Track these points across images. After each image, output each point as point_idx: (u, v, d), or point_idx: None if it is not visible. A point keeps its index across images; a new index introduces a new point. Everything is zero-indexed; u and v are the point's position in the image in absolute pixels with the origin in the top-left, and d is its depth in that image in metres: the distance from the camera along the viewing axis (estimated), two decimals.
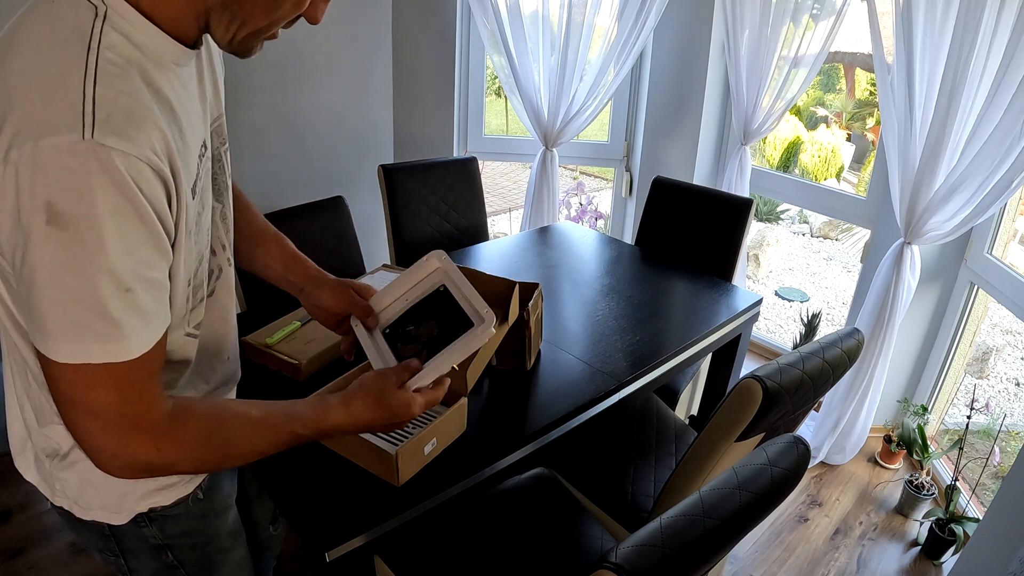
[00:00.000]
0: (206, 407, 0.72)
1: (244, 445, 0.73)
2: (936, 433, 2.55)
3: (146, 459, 0.65)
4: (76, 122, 0.55)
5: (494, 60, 2.84)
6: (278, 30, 0.70)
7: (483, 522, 1.38)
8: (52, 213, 0.54)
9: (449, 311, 0.98)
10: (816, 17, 2.42)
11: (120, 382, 0.62)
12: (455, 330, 0.95)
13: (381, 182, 2.20)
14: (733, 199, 2.17)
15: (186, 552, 0.92)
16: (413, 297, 1.01)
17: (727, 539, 0.85)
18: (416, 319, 0.99)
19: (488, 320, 0.91)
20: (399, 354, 0.95)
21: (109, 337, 0.59)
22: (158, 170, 0.60)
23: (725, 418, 1.17)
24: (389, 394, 0.82)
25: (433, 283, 1.01)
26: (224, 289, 0.88)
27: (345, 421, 0.80)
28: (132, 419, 0.63)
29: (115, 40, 0.59)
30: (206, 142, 0.77)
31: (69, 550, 1.85)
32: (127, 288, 0.59)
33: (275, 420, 0.75)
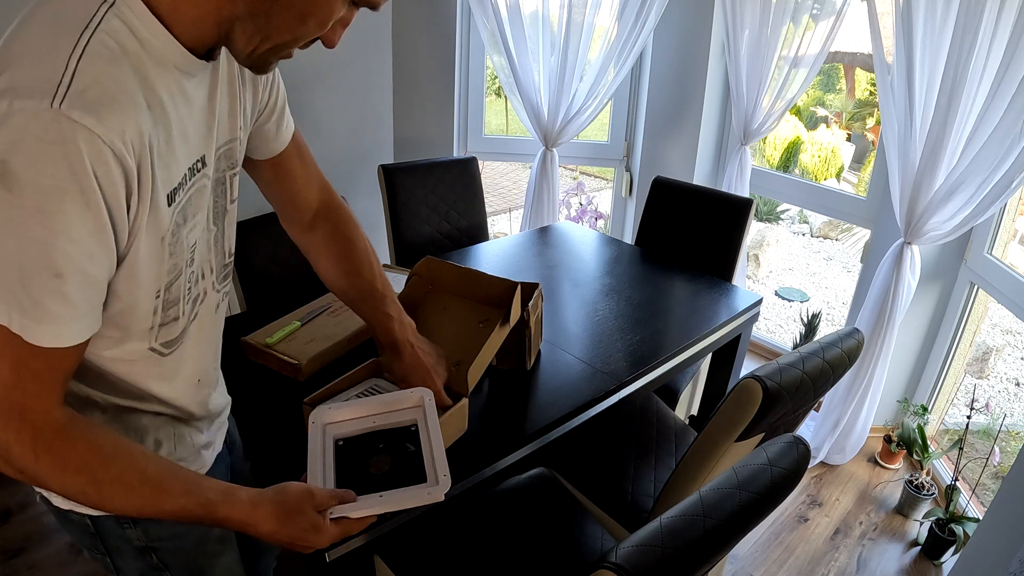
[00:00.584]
0: (103, 439, 0.67)
1: (125, 494, 0.68)
2: (936, 433, 2.55)
3: (21, 457, 0.63)
4: (50, 90, 0.55)
5: (494, 60, 2.84)
6: (294, 50, 0.70)
7: (483, 522, 1.38)
8: (3, 171, 0.54)
9: (408, 454, 0.90)
10: (816, 17, 2.42)
11: (20, 364, 0.60)
12: (405, 475, 0.86)
13: (381, 182, 2.20)
14: (733, 199, 2.17)
15: (172, 555, 0.91)
16: (382, 423, 0.94)
17: (727, 539, 0.85)
18: (373, 446, 0.91)
19: (442, 485, 0.83)
20: (339, 474, 0.87)
21: (29, 314, 0.58)
22: (120, 157, 0.59)
23: (725, 418, 1.17)
24: (303, 516, 0.76)
25: (409, 418, 0.95)
26: (206, 313, 0.86)
27: (245, 521, 0.74)
28: (18, 408, 0.61)
29: (116, 27, 0.60)
30: (206, 159, 0.76)
31: (69, 550, 1.85)
32: (57, 272, 0.58)
33: (171, 485, 0.70)
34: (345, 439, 0.92)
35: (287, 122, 0.97)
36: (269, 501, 0.76)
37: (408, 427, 0.93)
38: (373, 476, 0.86)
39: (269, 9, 0.63)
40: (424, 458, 0.88)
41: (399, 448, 0.91)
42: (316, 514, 0.77)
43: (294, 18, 0.65)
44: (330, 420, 0.93)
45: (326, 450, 0.90)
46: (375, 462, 0.89)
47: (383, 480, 0.86)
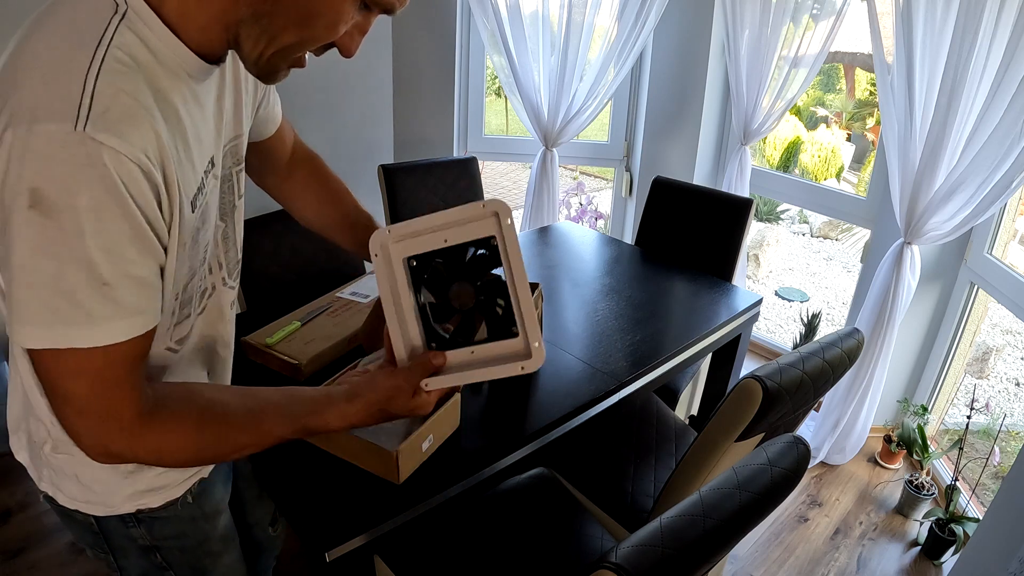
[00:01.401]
0: (189, 408, 0.69)
1: (227, 445, 0.71)
2: (936, 433, 2.55)
3: (121, 453, 0.66)
4: (71, 112, 0.55)
5: (494, 60, 2.84)
6: (305, 58, 0.68)
7: (483, 522, 1.38)
8: (36, 198, 0.55)
9: (492, 286, 0.76)
10: (816, 17, 2.42)
11: (93, 376, 0.61)
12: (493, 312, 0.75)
13: (381, 182, 2.20)
14: (733, 199, 2.17)
15: (175, 554, 0.91)
16: (455, 239, 0.77)
17: (727, 539, 0.85)
18: (451, 268, 0.77)
19: (536, 358, 0.75)
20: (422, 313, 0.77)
21: (76, 322, 0.59)
22: (147, 172, 0.60)
23: (725, 418, 1.17)
24: (399, 403, 0.76)
25: (487, 230, 0.76)
26: (215, 307, 0.87)
27: (343, 425, 0.75)
28: (107, 413, 0.63)
29: (128, 40, 0.59)
30: (215, 159, 0.76)
31: (69, 550, 1.85)
32: (104, 281, 0.59)
33: (264, 425, 0.72)
34: (417, 258, 0.77)
35: (276, 97, 0.97)
36: (362, 407, 0.75)
37: (487, 240, 0.76)
38: (462, 314, 0.78)
39: (272, 10, 0.62)
40: (511, 297, 0.76)
41: (481, 271, 0.77)
42: (411, 395, 0.76)
43: (298, 19, 0.63)
44: (394, 239, 0.78)
45: (397, 281, 0.78)
46: (456, 292, 0.78)
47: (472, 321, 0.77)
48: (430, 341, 0.78)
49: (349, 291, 1.72)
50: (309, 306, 1.61)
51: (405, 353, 0.77)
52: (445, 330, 0.77)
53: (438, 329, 0.77)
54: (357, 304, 1.65)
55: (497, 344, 0.77)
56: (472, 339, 0.77)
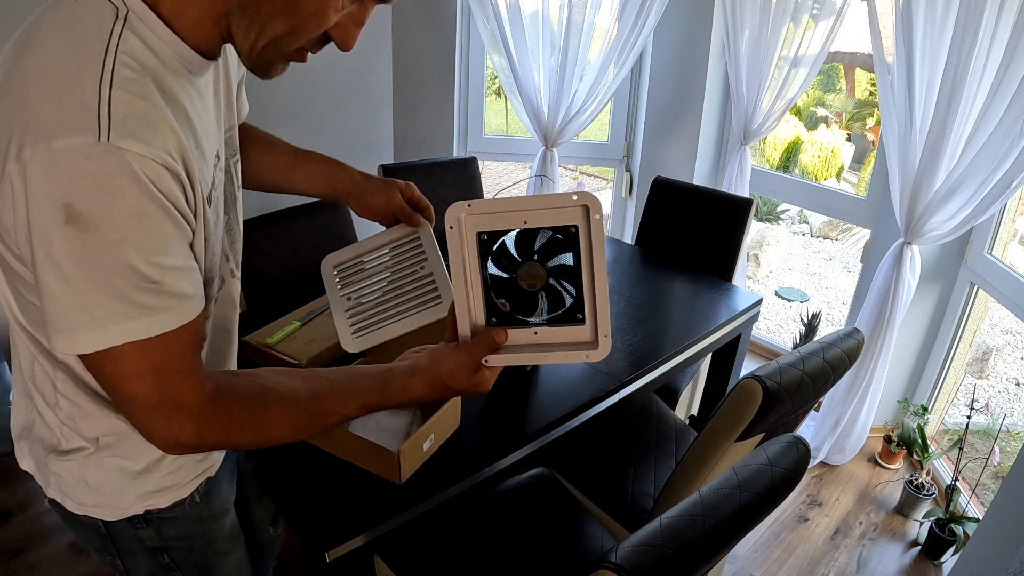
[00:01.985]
0: (251, 392, 0.70)
1: (291, 428, 0.72)
2: (936, 433, 2.55)
3: (191, 440, 0.67)
4: (92, 124, 0.54)
5: (494, 60, 2.84)
6: (306, 54, 0.68)
7: (483, 522, 1.38)
8: (70, 214, 0.55)
9: (565, 271, 0.75)
10: (816, 17, 2.42)
11: (157, 368, 0.62)
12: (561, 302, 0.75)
13: None
14: (733, 199, 2.17)
15: (183, 554, 0.92)
16: (534, 223, 0.74)
17: (727, 539, 0.85)
18: (524, 248, 0.76)
19: (602, 349, 0.75)
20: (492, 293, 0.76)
21: (130, 316, 0.59)
22: (174, 172, 0.60)
23: (725, 418, 1.18)
24: (461, 379, 0.75)
25: (570, 219, 0.74)
26: (227, 298, 0.88)
27: (404, 400, 0.76)
28: (173, 405, 0.64)
29: (133, 45, 0.60)
30: (219, 152, 0.77)
31: (69, 550, 1.85)
32: (153, 280, 0.60)
33: (325, 405, 0.73)
34: (489, 233, 0.76)
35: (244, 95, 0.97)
36: (424, 381, 0.75)
37: (567, 228, 0.74)
38: (526, 294, 0.76)
39: None
40: (584, 287, 0.75)
41: (555, 254, 0.76)
42: (472, 372, 0.75)
43: (283, 7, 0.62)
44: (469, 214, 0.76)
45: (468, 254, 0.76)
46: (525, 272, 0.76)
47: (536, 302, 0.76)
48: (491, 316, 0.77)
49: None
50: (309, 306, 1.61)
51: (468, 330, 0.77)
52: (506, 305, 0.76)
53: (499, 304, 0.76)
54: None
55: (561, 330, 0.76)
56: (532, 320, 0.76)
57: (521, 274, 0.76)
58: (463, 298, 0.76)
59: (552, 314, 0.76)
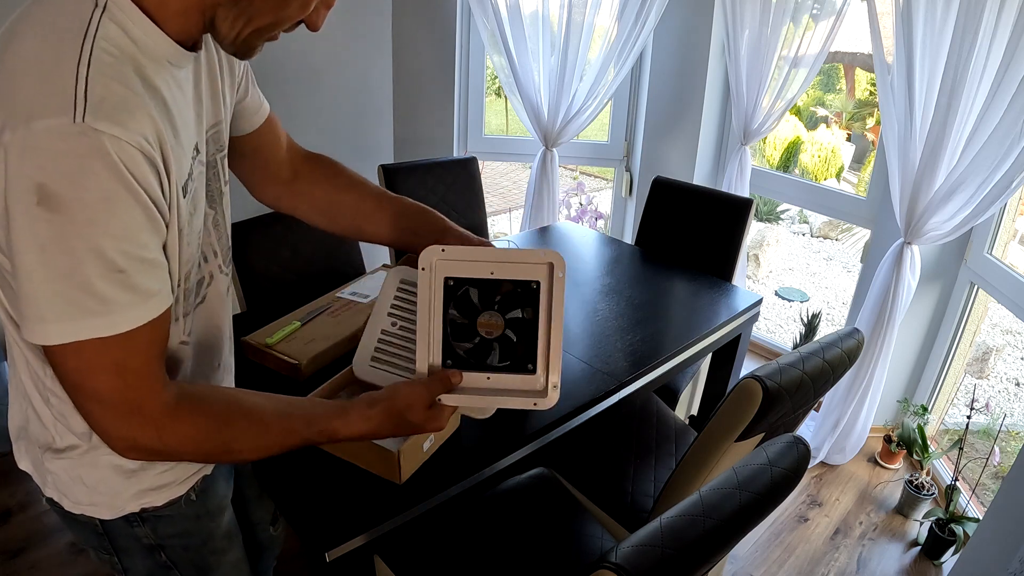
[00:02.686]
0: (216, 402, 0.71)
1: (253, 442, 0.72)
2: (936, 433, 2.55)
3: (149, 445, 0.66)
4: (68, 106, 0.55)
5: (494, 60, 2.84)
6: (279, 32, 0.70)
7: (483, 522, 1.38)
8: (43, 195, 0.55)
9: (522, 323, 0.80)
10: (816, 17, 2.42)
11: (119, 366, 0.62)
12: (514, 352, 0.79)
13: (381, 182, 2.20)
14: (733, 199, 2.17)
15: (179, 553, 0.92)
16: (501, 274, 0.81)
17: (727, 539, 0.85)
18: (486, 297, 0.81)
19: (551, 398, 0.79)
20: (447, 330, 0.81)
21: (95, 312, 0.59)
22: (149, 157, 0.61)
23: (725, 418, 1.17)
24: (416, 411, 0.78)
25: (534, 275, 0.80)
26: (216, 296, 0.87)
27: (364, 432, 0.78)
28: (134, 404, 0.64)
29: (112, 32, 0.60)
30: (199, 145, 0.77)
31: (69, 550, 1.85)
32: (119, 269, 0.59)
33: (289, 423, 0.74)
34: (456, 279, 0.82)
35: (259, 93, 0.97)
36: (380, 411, 0.78)
37: (529, 283, 0.81)
38: (482, 339, 0.81)
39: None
40: (539, 338, 0.81)
41: (514, 307, 0.81)
42: (427, 407, 0.79)
43: (276, 1, 0.65)
44: (442, 259, 0.81)
45: (434, 297, 0.81)
46: (485, 320, 0.82)
47: (490, 350, 0.81)
48: (447, 359, 0.81)
49: (349, 291, 1.72)
50: (309, 306, 1.61)
51: (426, 368, 0.81)
52: (462, 349, 0.81)
53: (456, 347, 0.81)
54: (357, 304, 1.65)
55: (513, 376, 0.81)
56: (485, 364, 0.81)
57: (481, 321, 0.81)
58: (425, 337, 0.81)
59: (504, 363, 0.81)
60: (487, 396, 0.80)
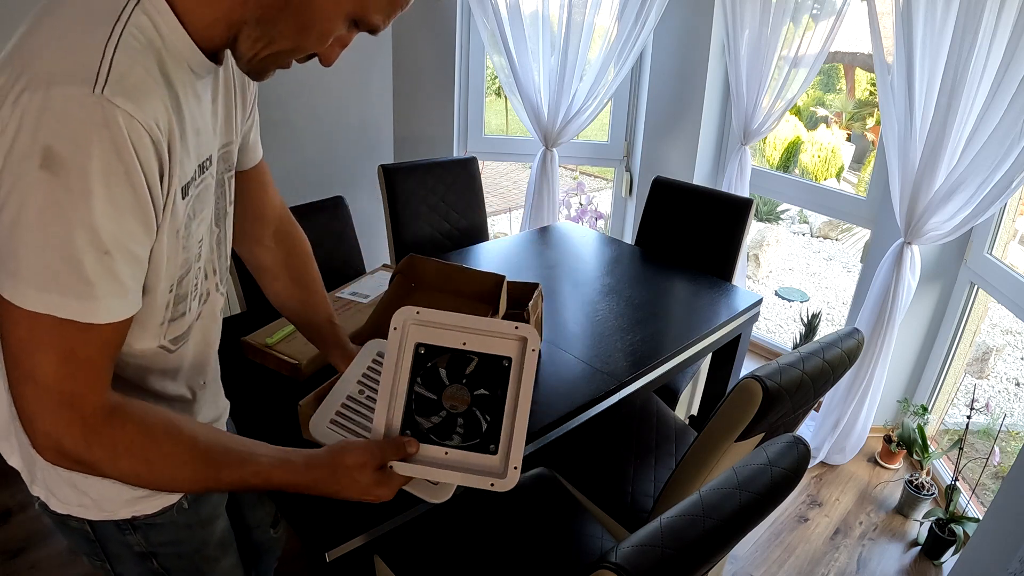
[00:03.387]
0: (151, 418, 0.68)
1: (180, 470, 0.68)
2: (936, 433, 2.55)
3: (73, 447, 0.63)
4: (90, 77, 0.56)
5: (494, 60, 2.84)
6: (292, 61, 0.71)
7: (483, 522, 1.38)
8: (47, 156, 0.55)
9: (488, 400, 0.79)
10: (816, 17, 2.42)
11: (70, 354, 0.61)
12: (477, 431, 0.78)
13: (381, 182, 2.20)
14: (733, 199, 2.17)
15: (172, 560, 0.91)
16: (473, 346, 0.80)
17: (727, 539, 0.85)
18: (455, 369, 0.80)
19: (510, 479, 0.75)
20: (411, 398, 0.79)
21: (79, 294, 0.59)
22: (156, 141, 0.61)
23: (725, 418, 1.18)
24: (364, 474, 0.75)
25: (506, 350, 0.80)
26: (210, 314, 0.87)
27: (304, 484, 0.74)
28: (69, 397, 0.62)
29: (143, 22, 0.62)
30: (212, 158, 0.77)
31: (69, 550, 1.85)
32: (105, 250, 0.59)
33: (224, 457, 0.70)
34: (428, 347, 0.80)
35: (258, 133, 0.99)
36: (326, 464, 0.74)
37: (500, 360, 0.80)
38: (448, 414, 0.79)
39: (276, 16, 0.66)
40: (504, 418, 0.78)
41: (482, 384, 0.80)
42: (376, 471, 0.75)
43: (297, 27, 0.67)
44: (415, 322, 0.80)
45: (402, 361, 0.79)
46: (451, 393, 0.79)
47: (454, 425, 0.78)
48: (406, 428, 0.79)
49: (349, 291, 1.72)
50: None
51: (383, 430, 0.78)
52: (423, 423, 0.78)
53: (419, 420, 0.79)
54: (357, 304, 1.65)
55: (472, 455, 0.78)
56: (445, 441, 0.78)
57: (446, 394, 0.79)
58: (386, 397, 0.78)
59: (466, 442, 0.78)
60: (443, 471, 0.76)
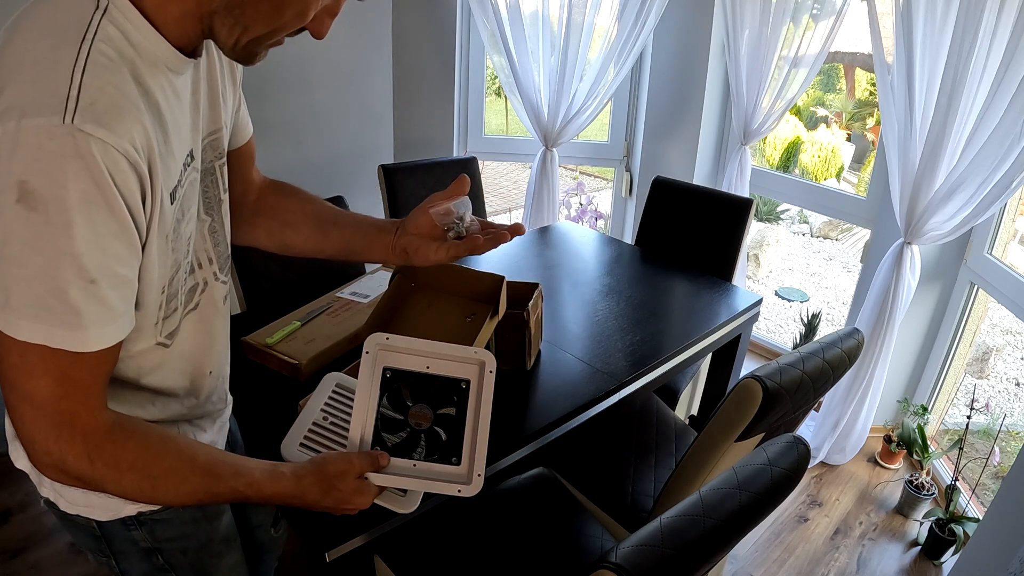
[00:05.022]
0: (150, 435, 0.70)
1: (179, 484, 0.71)
2: (936, 433, 2.55)
3: (76, 465, 0.64)
4: (59, 106, 0.55)
5: (494, 60, 2.84)
6: (283, 38, 0.70)
7: (483, 522, 1.38)
8: (23, 192, 0.55)
9: (450, 419, 0.87)
10: (816, 17, 2.42)
11: (64, 376, 0.61)
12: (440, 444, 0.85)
13: (381, 182, 2.20)
14: (733, 199, 2.17)
15: (177, 556, 0.91)
16: (436, 370, 0.88)
17: (727, 539, 0.85)
18: (419, 391, 0.88)
19: (474, 485, 0.83)
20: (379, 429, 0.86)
21: (69, 325, 0.59)
22: (135, 164, 0.60)
23: (725, 418, 1.18)
24: (345, 483, 0.79)
25: (464, 374, 0.88)
26: (209, 303, 0.87)
27: (292, 493, 0.78)
28: (68, 417, 0.62)
29: (111, 34, 0.60)
30: (194, 152, 0.76)
31: (69, 550, 1.85)
32: (91, 279, 0.59)
33: (220, 469, 0.73)
34: (393, 371, 0.88)
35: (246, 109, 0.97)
36: (310, 473, 0.79)
37: (459, 382, 0.88)
38: (411, 431, 0.86)
39: (243, 1, 0.64)
40: (465, 433, 0.86)
41: (443, 404, 0.88)
42: (356, 479, 0.80)
43: (269, 9, 0.65)
44: (384, 348, 0.87)
45: (372, 382, 0.86)
46: (415, 412, 0.87)
47: (417, 441, 0.85)
48: (375, 444, 0.85)
49: (349, 291, 1.72)
50: (309, 306, 1.61)
51: (358, 438, 0.85)
52: (391, 441, 0.85)
53: (386, 436, 0.85)
54: (357, 304, 1.65)
55: (438, 466, 0.85)
56: (411, 456, 0.85)
57: (411, 413, 0.87)
58: (361, 412, 0.85)
59: (430, 456, 0.85)
60: (414, 480, 0.83)
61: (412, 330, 1.30)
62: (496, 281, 1.33)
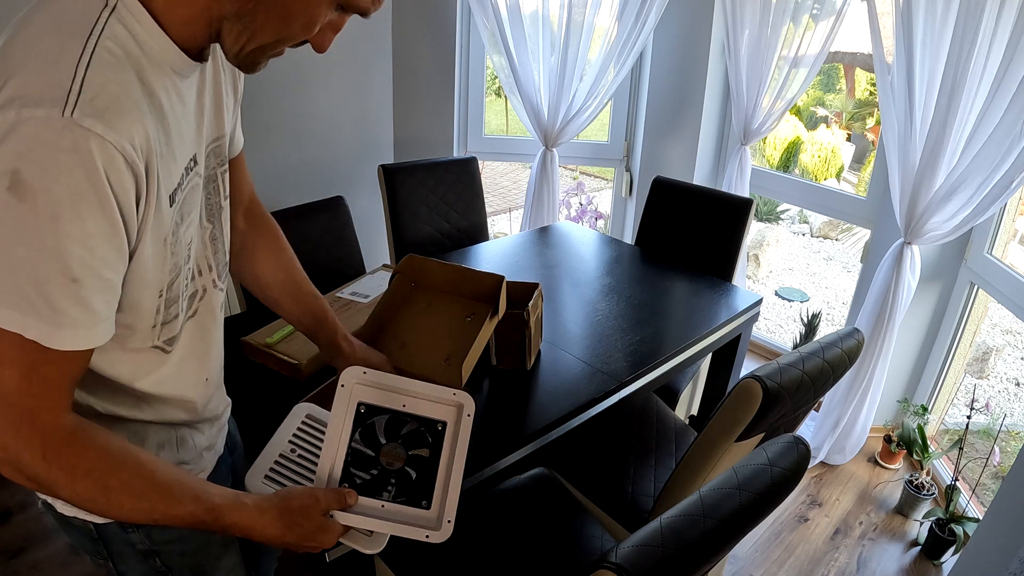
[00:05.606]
0: (112, 445, 0.67)
1: (135, 500, 0.68)
2: (936, 433, 2.55)
3: (31, 464, 0.62)
4: (60, 98, 0.55)
5: (494, 60, 2.84)
6: (284, 49, 0.70)
7: (483, 522, 1.38)
8: (14, 180, 0.55)
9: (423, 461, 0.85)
10: (816, 17, 2.42)
11: (31, 370, 0.60)
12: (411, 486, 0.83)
13: (381, 182, 2.20)
14: (733, 199, 2.17)
15: (175, 558, 0.91)
16: (412, 409, 0.87)
17: (727, 539, 0.85)
18: (392, 429, 0.86)
19: (443, 532, 0.81)
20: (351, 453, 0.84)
21: (46, 319, 0.58)
22: (131, 163, 0.60)
23: (725, 418, 1.17)
24: (309, 519, 0.77)
25: (440, 415, 0.87)
26: (207, 310, 0.86)
27: (251, 526, 0.75)
28: (29, 414, 0.61)
29: (118, 32, 0.60)
30: (197, 157, 0.76)
31: (69, 550, 1.85)
32: (74, 278, 0.58)
33: (179, 491, 0.71)
34: (368, 406, 0.86)
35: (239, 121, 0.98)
36: (274, 507, 0.77)
37: (435, 423, 0.87)
38: (382, 470, 0.83)
39: (254, 9, 0.65)
40: (438, 477, 0.84)
41: (417, 445, 0.85)
42: (321, 516, 0.78)
43: (278, 19, 0.66)
44: (360, 382, 0.86)
45: (346, 417, 0.85)
46: (388, 451, 0.85)
47: (387, 481, 0.83)
48: (344, 480, 0.83)
49: (349, 291, 1.72)
50: None
51: (326, 474, 0.83)
52: (360, 478, 0.83)
53: (355, 474, 0.83)
54: (357, 304, 1.65)
55: (408, 508, 0.83)
56: (380, 495, 0.83)
57: (384, 451, 0.84)
58: (332, 447, 0.83)
59: (399, 498, 0.83)
60: (381, 521, 0.80)
61: (412, 330, 1.30)
62: (496, 281, 1.33)
